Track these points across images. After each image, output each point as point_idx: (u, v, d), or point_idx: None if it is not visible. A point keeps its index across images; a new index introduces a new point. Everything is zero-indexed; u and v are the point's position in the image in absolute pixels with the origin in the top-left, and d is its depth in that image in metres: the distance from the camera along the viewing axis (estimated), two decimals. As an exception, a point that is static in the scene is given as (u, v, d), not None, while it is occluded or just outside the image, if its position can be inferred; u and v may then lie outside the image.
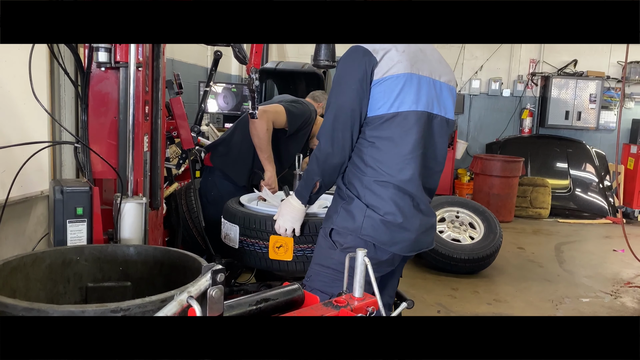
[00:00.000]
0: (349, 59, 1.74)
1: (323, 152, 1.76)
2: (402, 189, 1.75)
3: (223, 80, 6.32)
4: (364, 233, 1.75)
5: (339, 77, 1.76)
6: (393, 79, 1.71)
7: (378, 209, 1.74)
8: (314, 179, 1.81)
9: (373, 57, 1.70)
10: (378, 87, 1.71)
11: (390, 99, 1.71)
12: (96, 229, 1.74)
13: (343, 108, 1.72)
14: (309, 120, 2.82)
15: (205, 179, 2.88)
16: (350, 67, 1.72)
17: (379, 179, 1.74)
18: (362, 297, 1.27)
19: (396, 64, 1.71)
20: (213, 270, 0.99)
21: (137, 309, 1.16)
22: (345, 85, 1.72)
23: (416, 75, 1.75)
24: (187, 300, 0.95)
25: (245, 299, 1.17)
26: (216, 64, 3.20)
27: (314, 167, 1.80)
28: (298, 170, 2.34)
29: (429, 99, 1.79)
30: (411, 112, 1.74)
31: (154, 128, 2.09)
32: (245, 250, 2.13)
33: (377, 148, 1.75)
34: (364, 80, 1.70)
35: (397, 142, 1.74)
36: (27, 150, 1.84)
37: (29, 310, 1.12)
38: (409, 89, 1.73)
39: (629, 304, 4.11)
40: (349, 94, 1.71)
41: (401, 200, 1.75)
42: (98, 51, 1.84)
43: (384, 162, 1.74)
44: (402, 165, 1.74)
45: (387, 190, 1.74)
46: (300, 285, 1.32)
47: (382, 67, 1.70)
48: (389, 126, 1.73)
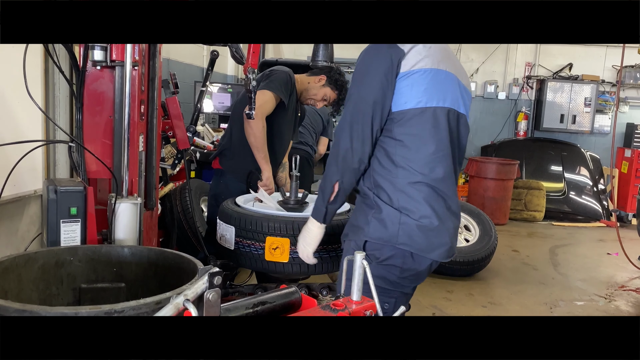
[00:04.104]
0: (373, 50, 1.64)
1: (342, 148, 1.65)
2: (435, 188, 1.65)
3: (219, 80, 6.30)
4: (400, 242, 1.63)
5: (361, 69, 1.66)
6: (420, 73, 1.62)
7: (412, 213, 1.63)
8: (332, 180, 1.68)
9: (400, 49, 1.61)
10: (405, 81, 1.62)
11: (417, 93, 1.63)
12: (90, 229, 1.72)
13: (365, 100, 1.62)
14: (292, 81, 2.75)
15: (217, 182, 2.85)
16: (374, 58, 1.63)
17: (411, 179, 1.64)
18: (360, 301, 1.26)
19: (424, 58, 1.63)
20: (210, 272, 0.97)
21: (132, 311, 1.14)
22: (369, 77, 1.63)
23: (443, 71, 1.68)
24: (183, 303, 0.94)
25: (242, 302, 1.15)
26: (212, 64, 3.18)
27: (332, 168, 1.68)
28: (295, 171, 2.32)
29: (454, 97, 1.71)
30: (439, 109, 1.66)
31: (150, 128, 2.07)
32: (241, 252, 2.12)
33: (406, 146, 1.64)
34: (390, 72, 1.61)
35: (427, 139, 1.64)
36: (20, 149, 1.82)
37: (22, 312, 1.10)
38: (436, 84, 1.65)
39: (623, 307, 4.12)
40: (372, 85, 1.61)
41: (435, 201, 1.65)
42: (94, 50, 1.82)
43: (415, 161, 1.64)
44: (434, 164, 1.65)
45: (420, 192, 1.64)
46: (297, 288, 1.30)
47: (409, 60, 1.62)
48: (417, 122, 1.64)
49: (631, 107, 8.03)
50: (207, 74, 3.27)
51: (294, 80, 2.79)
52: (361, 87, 1.64)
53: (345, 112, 1.68)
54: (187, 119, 3.17)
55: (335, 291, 2.24)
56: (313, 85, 2.85)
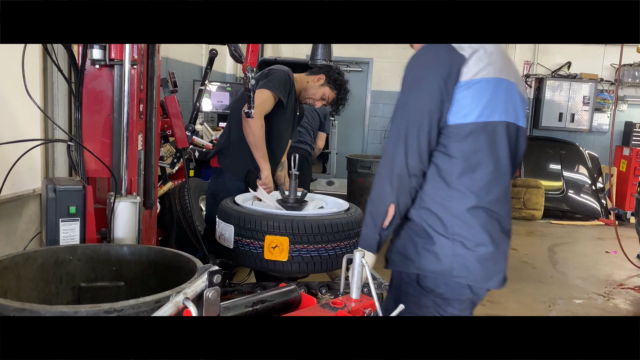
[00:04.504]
0: (428, 55, 1.49)
1: (397, 165, 1.47)
2: (492, 212, 1.51)
3: (218, 79, 6.30)
4: (455, 275, 1.50)
5: (414, 74, 1.50)
6: (483, 83, 1.47)
7: (468, 241, 1.49)
8: (385, 203, 1.49)
9: (459, 54, 1.47)
10: (465, 91, 1.46)
11: (479, 105, 1.47)
12: (89, 228, 1.72)
13: (420, 110, 1.46)
14: (290, 80, 2.76)
15: (215, 181, 2.85)
16: (431, 63, 1.48)
17: (468, 204, 1.49)
18: (360, 299, 1.26)
19: (486, 66, 1.49)
20: (210, 271, 0.98)
21: (131, 310, 1.14)
22: (424, 84, 1.47)
23: (505, 81, 1.54)
24: (183, 302, 0.94)
25: (241, 301, 1.16)
26: (211, 63, 3.18)
27: (385, 188, 1.49)
28: (294, 170, 2.32)
29: (515, 109, 1.57)
30: (500, 123, 1.51)
31: (149, 127, 2.07)
32: (240, 251, 2.12)
33: (462, 165, 1.48)
34: (449, 80, 1.45)
35: (486, 157, 1.50)
36: (19, 148, 1.82)
37: (21, 311, 1.10)
38: (498, 95, 1.50)
39: (621, 305, 4.13)
40: (429, 94, 1.45)
41: (491, 226, 1.51)
42: (92, 48, 1.82)
43: (472, 182, 1.49)
44: (492, 185, 1.51)
45: (477, 218, 1.49)
46: (296, 286, 1.30)
47: (471, 68, 1.47)
48: (476, 138, 1.48)
49: (630, 106, 8.04)
50: (205, 73, 3.26)
51: (293, 79, 2.79)
52: (416, 94, 1.48)
53: (396, 123, 1.50)
54: (186, 117, 3.17)
55: (334, 289, 2.24)
56: (312, 85, 2.85)
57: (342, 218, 2.14)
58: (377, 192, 1.52)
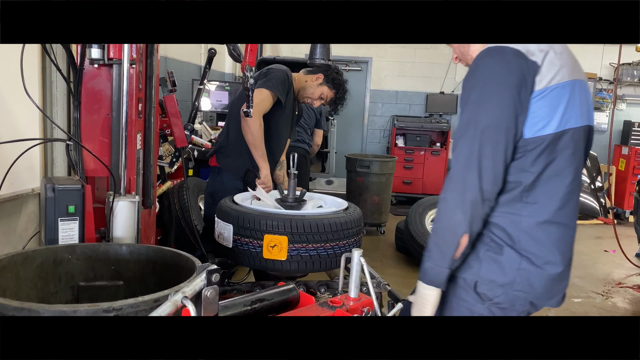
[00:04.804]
0: (494, 64, 1.34)
1: (469, 190, 1.32)
2: (566, 226, 1.41)
3: (217, 78, 6.30)
4: (516, 288, 1.40)
5: (481, 88, 1.34)
6: (559, 89, 1.35)
7: (537, 258, 1.38)
8: (457, 234, 1.35)
9: (531, 60, 1.33)
10: (541, 101, 1.33)
11: (557, 114, 1.35)
12: (88, 227, 1.72)
13: (495, 127, 1.31)
14: (289, 79, 2.76)
15: (213, 180, 2.85)
16: (499, 74, 1.32)
17: (540, 218, 1.38)
18: (358, 298, 1.26)
19: (560, 70, 1.36)
20: (208, 270, 0.98)
21: (130, 309, 1.15)
22: (495, 98, 1.32)
23: (578, 82, 1.41)
24: (181, 301, 0.94)
25: (240, 299, 1.16)
26: (210, 62, 3.18)
27: (456, 215, 1.34)
28: (293, 169, 2.32)
29: (589, 110, 1.45)
30: (577, 129, 1.39)
31: (147, 126, 2.07)
32: (239, 250, 2.12)
33: (538, 177, 1.37)
34: (523, 91, 1.32)
35: (565, 168, 1.38)
36: (18, 147, 1.82)
37: (20, 310, 1.10)
38: (574, 99, 1.38)
39: (620, 304, 4.14)
40: (502, 108, 1.31)
41: (564, 244, 1.42)
42: (91, 48, 1.82)
43: (548, 196, 1.38)
44: (569, 197, 1.40)
45: (550, 234, 1.39)
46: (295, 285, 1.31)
47: (544, 74, 1.34)
48: (553, 149, 1.36)
49: (628, 105, 8.04)
50: (204, 72, 3.27)
51: (292, 78, 2.79)
52: (487, 110, 1.32)
53: (466, 144, 1.34)
54: (185, 117, 3.17)
55: (333, 288, 2.25)
56: (310, 84, 2.85)
57: (341, 217, 2.14)
58: (445, 221, 1.37)
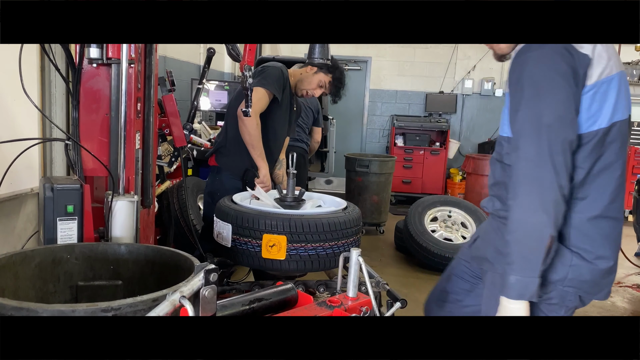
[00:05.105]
0: (549, 56, 1.29)
1: (549, 189, 1.26)
2: (615, 220, 1.39)
3: (216, 78, 6.29)
4: (567, 284, 1.38)
5: (538, 81, 1.29)
6: (607, 83, 1.33)
7: (587, 254, 1.37)
8: (543, 237, 1.28)
9: (582, 54, 1.30)
10: (593, 95, 1.31)
11: (609, 107, 1.33)
12: (87, 227, 1.72)
13: (560, 121, 1.27)
14: (284, 76, 2.75)
15: (213, 179, 2.86)
16: (556, 67, 1.28)
17: (591, 214, 1.36)
18: (356, 297, 1.26)
19: (608, 62, 1.33)
20: (206, 269, 0.98)
21: (129, 308, 1.15)
22: (556, 91, 1.27)
23: (622, 73, 1.39)
24: (179, 300, 0.94)
25: (238, 299, 1.16)
26: (209, 62, 3.18)
27: (539, 217, 1.27)
28: (292, 169, 2.33)
29: (628, 100, 1.42)
30: (623, 122, 1.37)
31: (146, 125, 2.07)
32: (238, 249, 2.12)
33: (588, 174, 1.35)
34: (578, 84, 1.29)
35: (614, 161, 1.36)
36: (16, 146, 1.82)
37: (18, 310, 1.10)
38: (621, 91, 1.36)
39: (619, 303, 4.14)
40: (562, 100, 1.27)
41: (613, 238, 1.41)
42: (90, 47, 1.82)
43: (599, 190, 1.36)
44: (617, 192, 1.37)
45: (600, 229, 1.37)
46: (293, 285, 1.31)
47: (595, 69, 1.31)
48: (602, 143, 1.34)
49: (628, 104, 8.05)
50: (203, 72, 3.26)
51: (287, 74, 2.78)
52: (550, 104, 1.27)
53: (532, 141, 1.28)
54: (184, 116, 3.17)
55: (332, 288, 2.25)
56: (306, 75, 2.83)
57: (340, 217, 2.14)
58: (526, 227, 1.29)
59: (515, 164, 1.31)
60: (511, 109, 1.36)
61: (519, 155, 1.30)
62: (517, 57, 1.35)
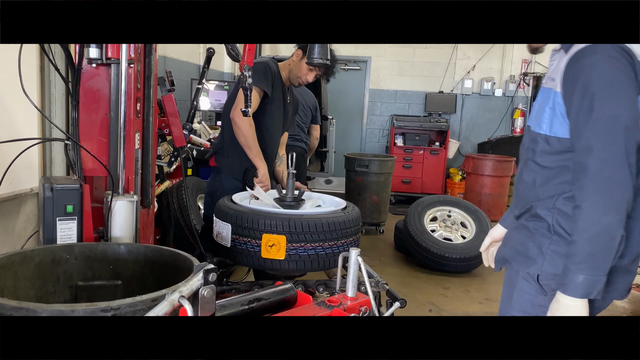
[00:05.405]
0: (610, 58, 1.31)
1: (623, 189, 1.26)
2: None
3: (215, 78, 6.30)
4: None
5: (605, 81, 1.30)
6: None
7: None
8: (615, 237, 1.28)
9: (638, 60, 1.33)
10: None
11: None
12: (86, 227, 1.72)
13: (635, 122, 1.28)
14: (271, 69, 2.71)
15: (213, 179, 2.86)
16: (620, 68, 1.30)
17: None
18: (355, 297, 1.26)
19: None
20: (205, 269, 0.98)
21: (128, 308, 1.15)
22: (622, 91, 1.29)
23: None
24: (178, 300, 0.94)
25: (237, 299, 1.16)
26: (209, 62, 3.18)
27: (612, 221, 1.27)
28: (291, 168, 2.33)
29: None
30: None
31: (146, 125, 2.07)
32: (237, 249, 2.12)
33: None
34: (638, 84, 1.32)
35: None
36: (16, 146, 1.82)
37: (18, 310, 1.11)
38: None
39: (618, 303, 4.14)
40: (633, 102, 1.29)
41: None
42: (89, 47, 1.82)
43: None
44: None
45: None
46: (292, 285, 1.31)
47: None
48: None
49: (627, 104, 8.05)
50: (203, 72, 3.27)
51: (275, 67, 2.75)
52: (619, 104, 1.28)
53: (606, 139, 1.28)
54: (184, 116, 3.17)
55: (331, 288, 2.25)
56: (295, 63, 2.81)
57: (339, 216, 2.14)
58: (598, 226, 1.28)
59: (586, 163, 1.29)
60: (578, 110, 1.34)
61: (593, 155, 1.28)
62: (580, 58, 1.35)
